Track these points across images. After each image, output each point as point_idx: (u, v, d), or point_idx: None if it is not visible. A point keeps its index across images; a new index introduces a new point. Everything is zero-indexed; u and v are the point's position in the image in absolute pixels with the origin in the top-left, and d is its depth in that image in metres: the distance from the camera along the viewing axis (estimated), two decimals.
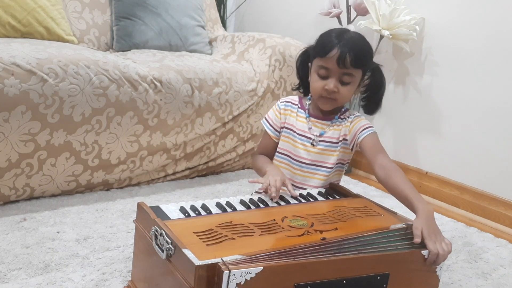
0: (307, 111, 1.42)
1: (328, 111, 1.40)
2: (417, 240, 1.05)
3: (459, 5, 2.04)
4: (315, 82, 1.34)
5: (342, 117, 1.40)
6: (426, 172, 2.20)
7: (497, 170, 1.95)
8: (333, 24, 2.34)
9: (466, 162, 2.05)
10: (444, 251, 1.05)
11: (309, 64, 1.40)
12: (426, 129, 2.20)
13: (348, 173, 2.37)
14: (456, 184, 2.08)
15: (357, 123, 1.37)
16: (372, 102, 1.42)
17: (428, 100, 2.17)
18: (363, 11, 2.24)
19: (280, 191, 1.25)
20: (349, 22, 2.34)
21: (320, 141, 1.39)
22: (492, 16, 1.93)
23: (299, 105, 1.44)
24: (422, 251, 1.05)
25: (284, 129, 1.44)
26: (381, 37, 2.20)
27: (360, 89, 1.39)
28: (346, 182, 2.19)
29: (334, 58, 1.27)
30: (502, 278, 1.45)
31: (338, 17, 2.37)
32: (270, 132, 1.46)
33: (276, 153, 1.45)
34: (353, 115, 1.40)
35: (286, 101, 1.46)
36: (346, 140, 1.38)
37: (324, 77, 1.31)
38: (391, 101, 2.33)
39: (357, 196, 1.34)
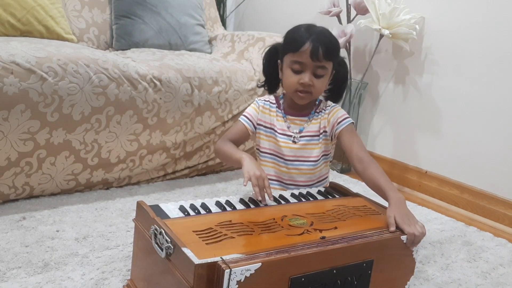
0: (282, 110, 1.44)
1: (303, 107, 1.42)
2: (392, 228, 1.12)
3: (459, 4, 2.04)
4: (289, 78, 1.36)
5: (318, 110, 1.43)
6: (426, 171, 2.20)
7: (496, 169, 1.95)
8: (333, 23, 2.34)
9: (465, 161, 2.05)
10: (419, 232, 1.11)
11: (278, 61, 1.41)
12: (425, 128, 2.20)
13: (348, 172, 2.37)
14: (456, 183, 2.08)
15: (334, 114, 1.40)
16: (335, 93, 1.46)
17: (428, 99, 2.17)
18: (363, 10, 2.24)
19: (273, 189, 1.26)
20: (349, 21, 2.34)
21: (300, 137, 1.41)
22: (492, 15, 1.93)
23: (276, 105, 1.46)
24: (401, 237, 1.10)
25: (260, 127, 1.45)
26: (381, 36, 2.20)
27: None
28: (346, 181, 2.19)
29: (307, 52, 1.30)
30: (501, 277, 1.45)
31: (338, 16, 2.36)
32: (246, 124, 1.45)
33: (262, 153, 1.46)
34: (329, 106, 1.43)
35: (265, 100, 1.47)
36: (326, 132, 1.41)
37: (298, 72, 1.34)
38: (391, 100, 2.33)
39: (356, 195, 1.35)
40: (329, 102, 1.44)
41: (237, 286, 0.86)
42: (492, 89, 1.95)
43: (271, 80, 1.47)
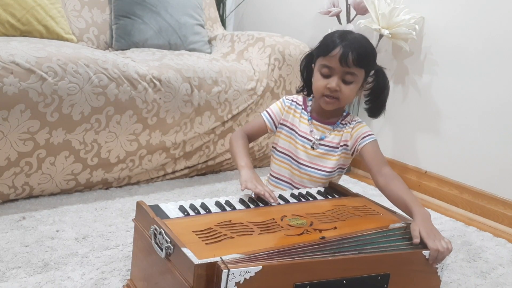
0: (309, 113, 1.42)
1: (330, 114, 1.40)
2: (416, 240, 1.06)
3: (459, 4, 2.04)
4: (317, 81, 1.34)
5: (343, 122, 1.40)
6: (425, 171, 2.20)
7: (496, 169, 1.95)
8: (333, 23, 2.34)
9: (465, 161, 2.06)
10: (444, 248, 1.06)
11: (313, 65, 1.40)
12: (425, 128, 2.20)
13: (347, 172, 2.37)
14: (455, 183, 2.08)
15: (358, 130, 1.37)
16: (375, 105, 1.42)
17: (428, 99, 2.17)
18: (362, 10, 2.24)
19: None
20: (348, 21, 2.34)
21: (320, 144, 1.39)
22: (491, 15, 1.93)
23: (303, 106, 1.44)
24: (423, 252, 1.06)
25: (283, 126, 1.44)
26: (381, 36, 2.20)
27: (362, 91, 1.39)
28: (346, 181, 2.19)
29: (337, 57, 1.28)
30: (501, 277, 1.45)
31: (337, 16, 2.36)
32: (267, 121, 1.44)
33: (278, 153, 1.45)
34: (355, 121, 1.40)
35: (292, 100, 1.45)
36: (347, 146, 1.38)
37: (326, 76, 1.32)
38: (390, 101, 2.31)
39: (356, 195, 1.35)
40: (356, 117, 1.42)
41: (235, 287, 0.85)
42: (492, 89, 1.95)
43: (309, 84, 1.45)
